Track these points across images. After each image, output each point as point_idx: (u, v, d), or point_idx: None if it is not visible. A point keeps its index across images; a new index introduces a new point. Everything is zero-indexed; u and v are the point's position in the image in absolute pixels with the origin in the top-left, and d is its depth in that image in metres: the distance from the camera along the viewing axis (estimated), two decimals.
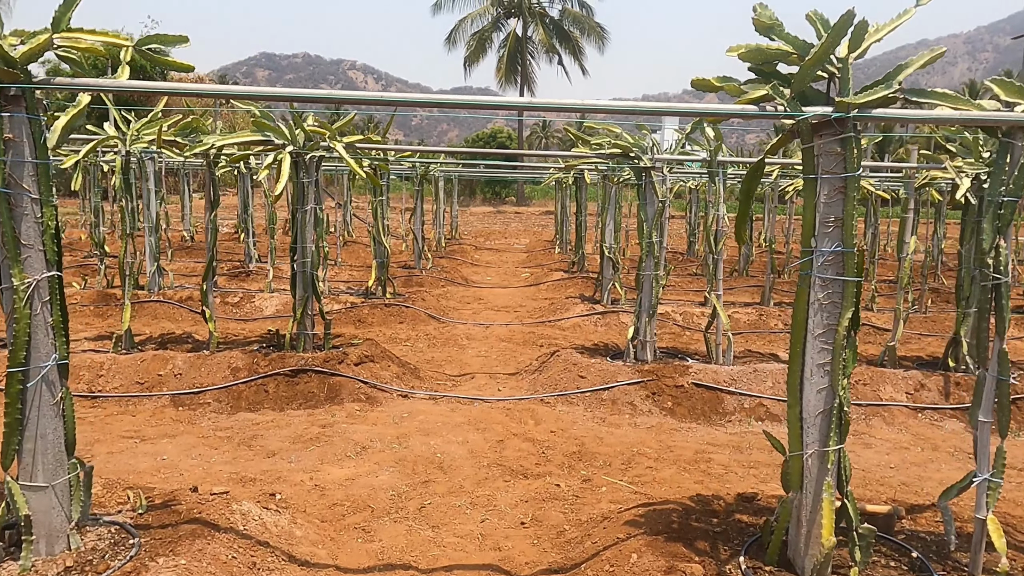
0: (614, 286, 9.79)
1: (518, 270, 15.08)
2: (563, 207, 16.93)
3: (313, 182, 6.28)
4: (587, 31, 41.22)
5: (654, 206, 6.31)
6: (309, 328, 6.39)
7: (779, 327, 9.25)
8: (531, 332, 8.73)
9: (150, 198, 9.60)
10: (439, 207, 17.49)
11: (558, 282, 12.45)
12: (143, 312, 9.01)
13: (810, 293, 2.81)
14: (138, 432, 5.07)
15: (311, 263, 6.32)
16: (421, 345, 7.98)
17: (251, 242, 12.77)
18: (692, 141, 6.37)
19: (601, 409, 5.80)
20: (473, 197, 41.45)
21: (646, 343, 6.50)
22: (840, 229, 2.72)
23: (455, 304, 10.67)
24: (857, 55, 2.67)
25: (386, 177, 9.74)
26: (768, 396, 5.88)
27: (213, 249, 6.41)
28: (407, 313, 9.18)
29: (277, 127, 6.01)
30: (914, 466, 4.92)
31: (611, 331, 8.89)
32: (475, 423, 5.36)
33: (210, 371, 5.88)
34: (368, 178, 7.02)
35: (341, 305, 9.30)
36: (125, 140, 6.18)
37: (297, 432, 5.11)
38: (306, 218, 6.28)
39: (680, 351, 7.09)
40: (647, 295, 6.48)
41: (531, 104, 2.62)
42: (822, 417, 2.81)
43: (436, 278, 12.39)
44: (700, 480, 4.50)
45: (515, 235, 23.94)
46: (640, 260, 6.44)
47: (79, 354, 6.09)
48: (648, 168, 6.19)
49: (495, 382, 6.55)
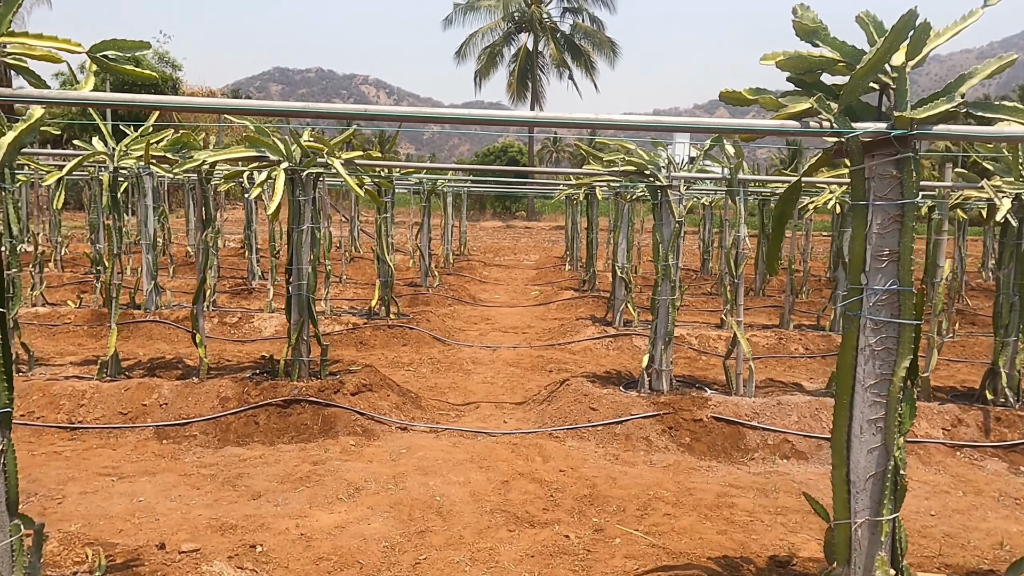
0: (626, 307, 9.41)
1: (527, 288, 14.72)
2: (574, 223, 16.59)
3: (310, 200, 5.95)
4: (598, 45, 41.02)
5: (670, 227, 5.94)
6: (304, 354, 6.04)
7: (799, 351, 8.83)
8: (540, 356, 8.36)
9: (147, 214, 9.32)
10: (447, 222, 17.17)
11: (568, 301, 12.07)
12: (138, 333, 8.70)
13: (859, 337, 2.43)
14: (116, 469, 4.72)
15: (307, 286, 5.98)
16: (424, 370, 7.61)
17: (254, 259, 12.47)
18: (711, 158, 6.01)
19: (614, 445, 5.41)
20: (483, 212, 41.19)
21: (662, 372, 6.11)
22: (895, 264, 2.35)
23: (461, 324, 10.31)
24: (916, 63, 2.31)
25: (390, 194, 9.43)
26: (794, 431, 5.47)
27: (205, 271, 6.08)
28: (411, 335, 8.83)
29: (272, 142, 5.69)
30: (957, 513, 4.50)
31: (623, 355, 8.50)
32: (478, 460, 4.98)
33: (198, 401, 5.53)
34: (370, 196, 6.70)
35: (343, 326, 8.95)
36: (113, 156, 5.87)
37: (286, 470, 4.74)
38: (302, 238, 5.95)
39: (697, 380, 6.69)
40: (663, 321, 6.10)
41: (541, 119, 2.31)
42: (874, 481, 2.43)
43: (443, 296, 12.04)
44: (723, 530, 4.09)
45: (525, 251, 23.60)
46: (655, 284, 6.06)
47: (61, 381, 5.76)
48: (664, 187, 5.83)
49: (501, 412, 6.17)
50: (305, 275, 5.98)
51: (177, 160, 5.72)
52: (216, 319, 9.09)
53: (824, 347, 8.87)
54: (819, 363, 8.53)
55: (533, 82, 41.09)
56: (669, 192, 5.84)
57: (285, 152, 5.71)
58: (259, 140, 5.62)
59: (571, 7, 41.47)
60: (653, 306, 6.10)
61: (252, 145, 5.67)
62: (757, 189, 9.73)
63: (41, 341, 8.33)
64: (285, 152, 5.71)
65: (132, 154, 5.85)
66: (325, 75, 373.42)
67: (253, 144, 5.65)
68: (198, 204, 5.86)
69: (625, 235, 9.33)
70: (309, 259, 6.01)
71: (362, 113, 3.07)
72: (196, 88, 43.59)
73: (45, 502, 4.19)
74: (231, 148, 5.68)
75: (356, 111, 2.87)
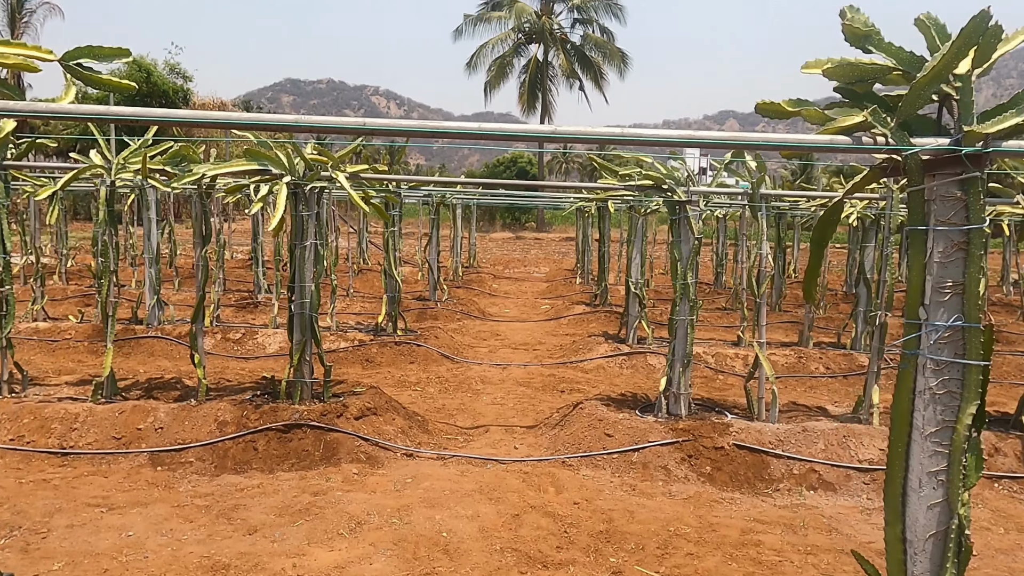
0: (640, 324, 9.13)
1: (538, 302, 14.46)
2: (584, 235, 16.33)
3: (313, 215, 5.72)
4: (608, 56, 40.88)
5: (689, 244, 5.68)
6: (307, 375, 5.80)
7: (820, 371, 8.53)
8: (551, 375, 8.09)
9: (151, 227, 9.14)
10: (456, 234, 16.94)
11: (580, 316, 11.80)
12: (139, 349, 8.49)
13: (917, 379, 2.16)
14: (107, 499, 4.48)
15: (310, 304, 5.75)
16: (432, 390, 7.36)
17: (260, 272, 12.27)
18: (732, 172, 5.75)
19: (631, 474, 5.13)
20: (493, 223, 41.00)
21: (680, 395, 5.83)
22: (960, 297, 2.08)
23: (471, 340, 10.05)
24: (982, 71, 2.05)
25: (398, 207, 9.21)
26: (821, 461, 5.18)
27: (204, 288, 5.86)
28: (418, 352, 8.58)
29: (274, 155, 5.47)
30: (1001, 554, 4.19)
31: (638, 375, 8.22)
32: (488, 491, 4.71)
33: (195, 425, 5.29)
34: (376, 211, 6.47)
35: (348, 343, 8.72)
36: (111, 169, 5.67)
37: (285, 501, 4.49)
38: (305, 255, 5.72)
39: (717, 403, 6.40)
40: (681, 342, 5.83)
41: (563, 133, 2.07)
42: (934, 542, 2.15)
43: (451, 311, 11.80)
44: (750, 572, 3.81)
45: (535, 263, 23.35)
46: (673, 303, 5.80)
47: (54, 403, 5.54)
48: (683, 202, 5.57)
49: (512, 437, 5.91)
50: (308, 293, 5.75)
51: (176, 174, 5.51)
52: (219, 335, 8.88)
53: (846, 366, 8.56)
54: (841, 383, 8.22)
55: (543, 93, 40.98)
56: (688, 208, 5.59)
57: (288, 166, 5.49)
58: (261, 153, 5.40)
59: (581, 18, 41.41)
60: (671, 326, 5.83)
61: (253, 158, 5.45)
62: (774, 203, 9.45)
63: (40, 358, 8.14)
64: (288, 166, 5.49)
65: (130, 167, 5.64)
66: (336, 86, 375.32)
67: (254, 157, 5.43)
68: (198, 219, 5.64)
69: (639, 250, 9.07)
70: (312, 276, 5.77)
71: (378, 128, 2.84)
72: (207, 99, 43.65)
73: (29, 537, 3.95)
74: (232, 162, 5.47)
75: (375, 126, 2.64)
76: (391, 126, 2.55)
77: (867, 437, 5.37)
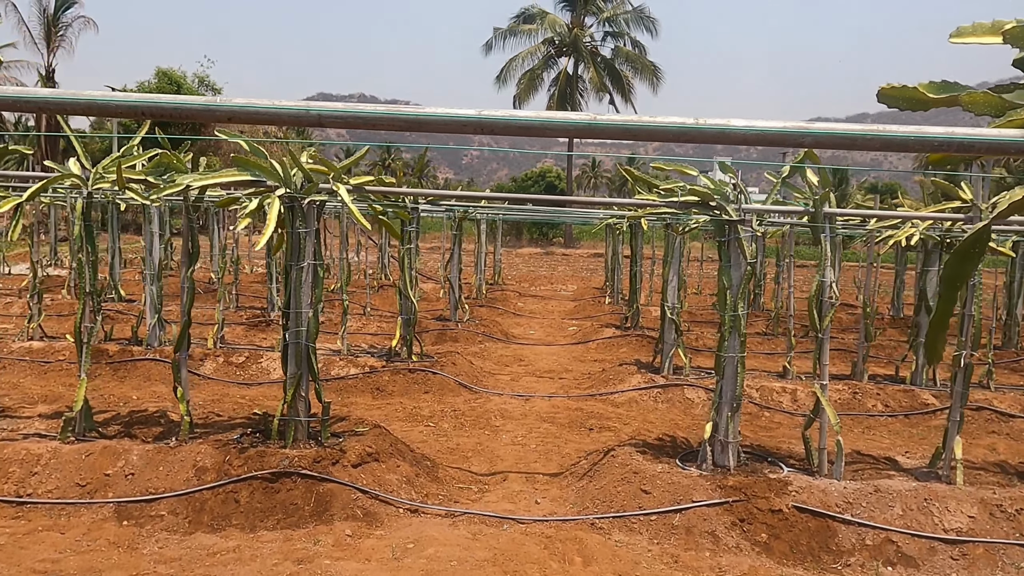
0: (677, 352, 8.35)
1: (565, 322, 13.71)
2: (615, 252, 15.54)
3: (312, 232, 5.07)
4: (640, 70, 40.15)
5: (741, 269, 4.92)
6: (302, 413, 5.12)
7: (878, 408, 7.67)
8: (579, 409, 7.34)
9: (152, 241, 8.58)
10: (480, 250, 16.24)
11: (610, 340, 11.03)
12: (135, 373, 7.91)
13: None
14: (56, 564, 3.83)
15: (307, 333, 5.08)
16: (446, 425, 6.65)
17: (274, 288, 11.69)
18: (789, 187, 5.00)
19: (672, 540, 4.36)
20: (520, 238, 40.33)
21: (728, 444, 5.04)
22: None
23: (492, 366, 9.34)
24: None
25: (414, 223, 8.55)
26: (898, 529, 4.36)
27: (188, 314, 5.22)
28: (434, 381, 7.88)
29: (268, 165, 4.83)
30: None
31: (674, 410, 7.44)
32: (503, 562, 3.97)
33: (170, 471, 4.64)
34: (385, 227, 5.82)
35: (358, 369, 8.05)
36: (88, 180, 5.07)
37: (263, 570, 3.80)
38: (302, 276, 5.06)
39: (768, 451, 5.60)
40: (730, 382, 5.06)
41: (628, 124, 1.43)
42: None
43: (473, 333, 11.10)
44: None
45: (562, 280, 22.60)
46: (721, 338, 5.03)
47: (17, 442, 4.92)
48: (734, 221, 4.82)
49: (533, 488, 5.17)
50: (305, 320, 5.08)
51: (159, 184, 4.89)
52: (222, 357, 8.27)
53: (907, 404, 7.69)
54: (902, 424, 7.36)
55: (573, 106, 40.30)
56: (740, 228, 4.83)
57: (283, 176, 4.85)
58: (253, 163, 4.77)
59: (612, 31, 40.77)
60: (718, 363, 5.07)
61: (244, 168, 4.82)
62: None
63: (30, 380, 7.59)
64: (283, 176, 4.85)
65: (108, 177, 5.04)
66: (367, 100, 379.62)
67: (245, 167, 4.80)
68: (184, 235, 5.02)
69: (676, 271, 8.31)
70: (310, 301, 5.11)
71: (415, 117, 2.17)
72: None
73: None
74: (221, 172, 4.84)
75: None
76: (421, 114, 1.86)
77: (952, 501, 4.54)
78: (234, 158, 4.67)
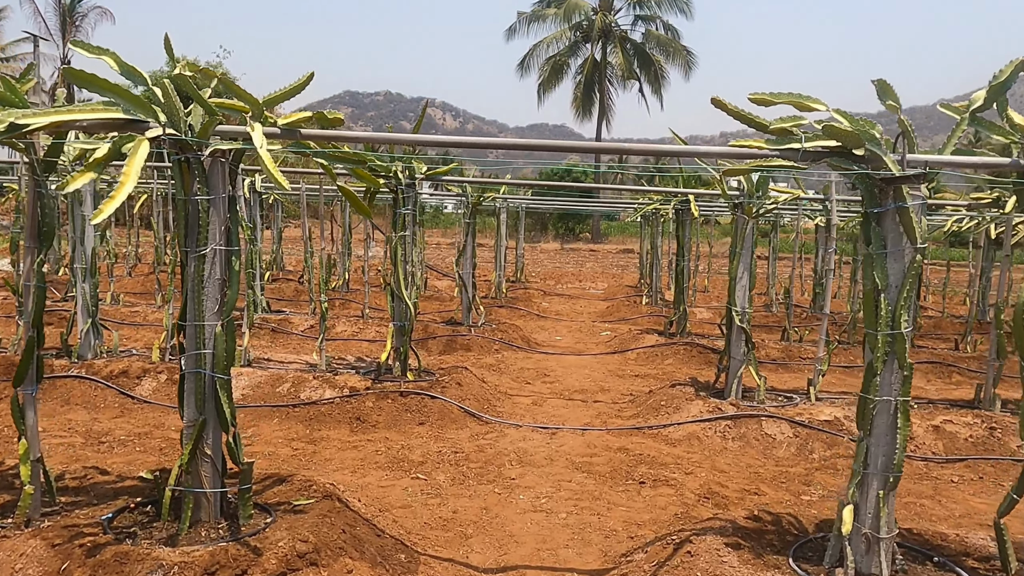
0: (748, 369, 6.44)
1: (596, 326, 11.81)
2: (653, 246, 13.55)
3: (220, 201, 3.24)
4: (672, 55, 38.01)
5: (903, 259, 3.01)
6: (206, 480, 3.31)
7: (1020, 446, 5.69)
8: (622, 449, 5.47)
9: (84, 227, 6.85)
10: (500, 243, 14.35)
11: (652, 350, 9.13)
12: (52, 394, 6.19)
13: None
14: None
15: (213, 358, 3.27)
16: (441, 477, 4.80)
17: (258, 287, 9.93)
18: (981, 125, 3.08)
19: None
20: (544, 232, 38.38)
21: (879, 541, 3.13)
22: None
23: (509, 384, 7.49)
24: None
25: (411, 203, 6.70)
26: None
27: (38, 324, 3.41)
28: (432, 407, 6.04)
29: (143, 99, 3.03)
30: None
31: (751, 451, 5.54)
32: None
33: None
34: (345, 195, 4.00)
35: (336, 391, 6.24)
36: None
37: None
38: (203, 270, 3.24)
39: (928, 542, 3.66)
40: (882, 441, 3.14)
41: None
42: None
43: (488, 340, 9.26)
44: None
45: (590, 278, 20.66)
46: (868, 370, 3.11)
47: None
48: (896, 178, 2.92)
49: None
50: (209, 339, 3.26)
51: None
52: (165, 375, 6.51)
53: None
54: None
55: (600, 94, 38.32)
56: (906, 192, 2.92)
57: (166, 109, 3.03)
58: (114, 88, 2.96)
59: (643, 15, 38.65)
60: (863, 412, 3.14)
61: (113, 98, 3.02)
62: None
63: None
64: (166, 109, 3.03)
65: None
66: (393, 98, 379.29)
67: (112, 96, 3.00)
68: (30, 206, 3.22)
69: (746, 265, 6.40)
70: (218, 309, 3.29)
71: None
72: None
73: None
74: (74, 106, 3.03)
75: None
76: None
77: None
78: (90, 78, 2.86)
